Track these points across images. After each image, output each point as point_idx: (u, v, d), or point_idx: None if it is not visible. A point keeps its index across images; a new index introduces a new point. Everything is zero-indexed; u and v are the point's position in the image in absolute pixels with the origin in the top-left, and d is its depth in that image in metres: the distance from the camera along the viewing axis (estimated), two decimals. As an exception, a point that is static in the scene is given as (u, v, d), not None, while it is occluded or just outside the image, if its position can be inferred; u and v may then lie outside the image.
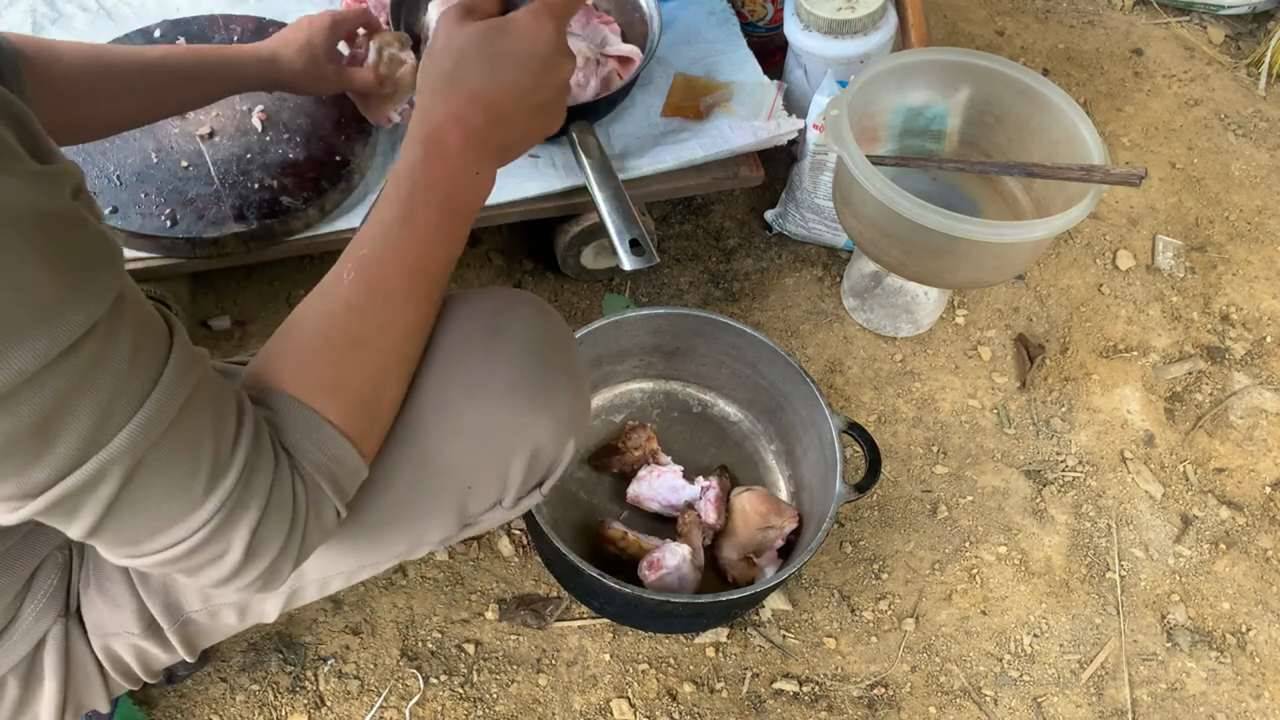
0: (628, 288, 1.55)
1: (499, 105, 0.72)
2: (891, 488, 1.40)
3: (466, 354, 0.78)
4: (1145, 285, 1.63)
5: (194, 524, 0.62)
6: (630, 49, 1.39)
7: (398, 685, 1.19)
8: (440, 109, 0.71)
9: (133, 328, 0.56)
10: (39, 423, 0.53)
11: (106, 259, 0.55)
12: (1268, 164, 1.80)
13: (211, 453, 0.61)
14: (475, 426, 0.79)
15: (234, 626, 0.89)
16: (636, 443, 1.31)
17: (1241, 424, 1.51)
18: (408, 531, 0.83)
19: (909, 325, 1.52)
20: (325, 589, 0.88)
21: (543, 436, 0.81)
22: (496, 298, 0.83)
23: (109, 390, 0.55)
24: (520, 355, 0.80)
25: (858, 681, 1.25)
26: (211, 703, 1.16)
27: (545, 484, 0.87)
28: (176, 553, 0.63)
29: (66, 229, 0.53)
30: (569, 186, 1.31)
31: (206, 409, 0.61)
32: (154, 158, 1.24)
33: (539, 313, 0.84)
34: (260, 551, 0.65)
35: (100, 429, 0.55)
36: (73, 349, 0.52)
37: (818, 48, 1.45)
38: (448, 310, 0.80)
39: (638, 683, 1.22)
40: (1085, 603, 1.33)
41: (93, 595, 0.84)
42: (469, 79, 0.72)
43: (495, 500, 0.84)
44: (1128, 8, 2.03)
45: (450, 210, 0.72)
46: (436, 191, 0.72)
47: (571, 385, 0.84)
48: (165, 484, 0.60)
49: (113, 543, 0.62)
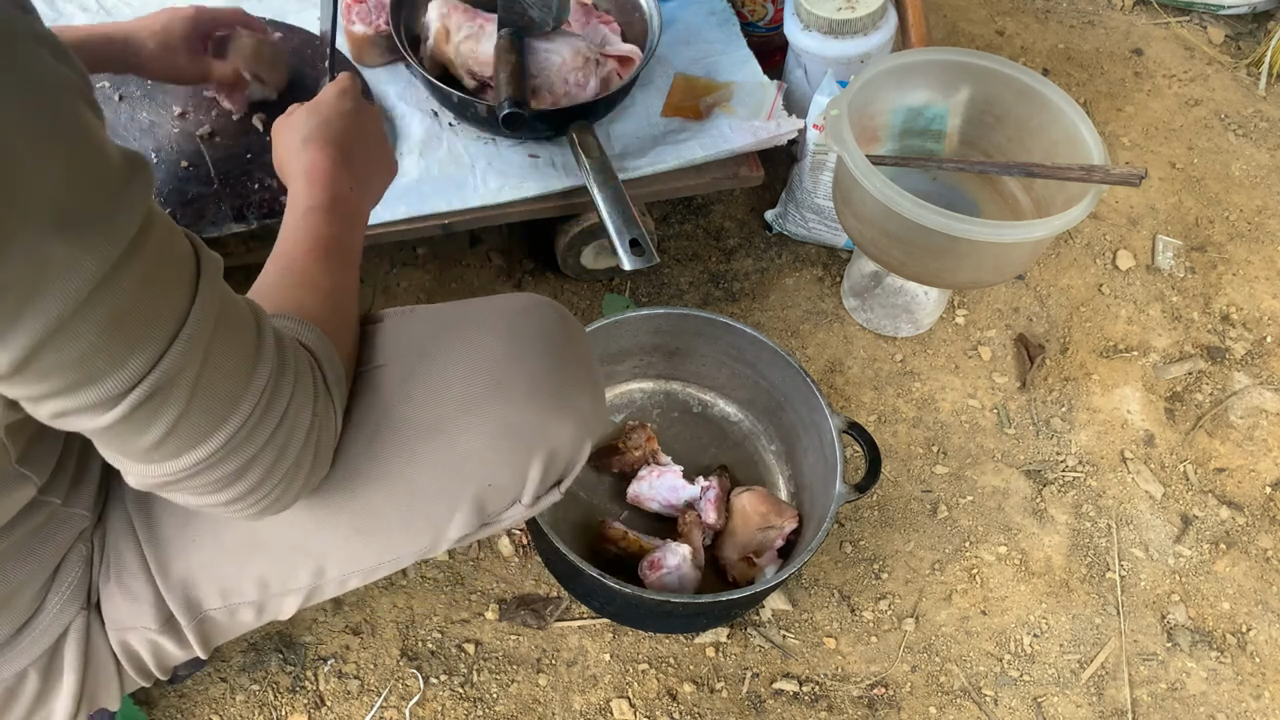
0: (628, 288, 1.55)
1: (339, 141, 0.94)
2: (891, 488, 1.40)
3: (489, 355, 0.82)
4: (1145, 285, 1.63)
5: (249, 403, 0.66)
6: (630, 49, 1.39)
7: (398, 685, 1.19)
8: (305, 155, 0.93)
9: (165, 222, 0.60)
10: (116, 320, 0.56)
11: (137, 162, 0.59)
12: (1268, 164, 1.80)
13: (254, 332, 0.67)
14: (499, 425, 0.81)
15: (250, 624, 0.90)
16: (636, 443, 1.31)
17: (1242, 424, 1.51)
18: (430, 527, 0.85)
19: (909, 325, 1.52)
20: (344, 586, 0.89)
21: (562, 437, 0.84)
22: (516, 301, 0.88)
23: (171, 282, 0.60)
24: (541, 357, 0.84)
25: (858, 681, 1.25)
26: (211, 703, 1.16)
27: (563, 483, 0.90)
28: (239, 438, 0.66)
29: (101, 125, 0.57)
30: (569, 186, 1.31)
31: (238, 299, 0.67)
32: (154, 158, 1.24)
33: (557, 316, 0.88)
34: (300, 414, 0.71)
35: (170, 320, 0.60)
36: (137, 240, 0.56)
37: (818, 48, 1.45)
38: (468, 312, 0.86)
39: (638, 683, 1.22)
40: (1085, 603, 1.33)
41: (112, 589, 0.84)
42: (315, 133, 0.95)
43: (514, 498, 0.86)
44: (1128, 8, 2.03)
45: (337, 213, 0.89)
46: (322, 198, 0.90)
47: (590, 388, 0.88)
48: (226, 367, 0.64)
49: (187, 444, 0.64)
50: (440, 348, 0.83)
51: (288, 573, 0.85)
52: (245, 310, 0.67)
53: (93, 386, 0.58)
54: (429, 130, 1.35)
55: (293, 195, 0.92)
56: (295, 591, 0.87)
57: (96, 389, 0.58)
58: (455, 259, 1.54)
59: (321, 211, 0.88)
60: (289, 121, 0.99)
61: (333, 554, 0.85)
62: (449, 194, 1.29)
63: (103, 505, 0.85)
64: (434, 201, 1.28)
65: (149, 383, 0.59)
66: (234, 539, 0.83)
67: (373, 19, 1.36)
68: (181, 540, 0.83)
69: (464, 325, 0.85)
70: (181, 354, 0.60)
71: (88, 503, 0.82)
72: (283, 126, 0.99)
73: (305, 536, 0.83)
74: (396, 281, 1.51)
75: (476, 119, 1.33)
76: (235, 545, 0.83)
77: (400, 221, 1.27)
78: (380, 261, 1.52)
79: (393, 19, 1.35)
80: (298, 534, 0.83)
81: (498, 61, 1.28)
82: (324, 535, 0.83)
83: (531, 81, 1.30)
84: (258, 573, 0.85)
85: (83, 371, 0.57)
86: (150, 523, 0.84)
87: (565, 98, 1.32)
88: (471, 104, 1.30)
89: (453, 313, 0.87)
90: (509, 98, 1.22)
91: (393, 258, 1.53)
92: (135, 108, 1.28)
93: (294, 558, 0.85)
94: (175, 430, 0.63)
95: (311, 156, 0.93)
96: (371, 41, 1.38)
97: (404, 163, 1.31)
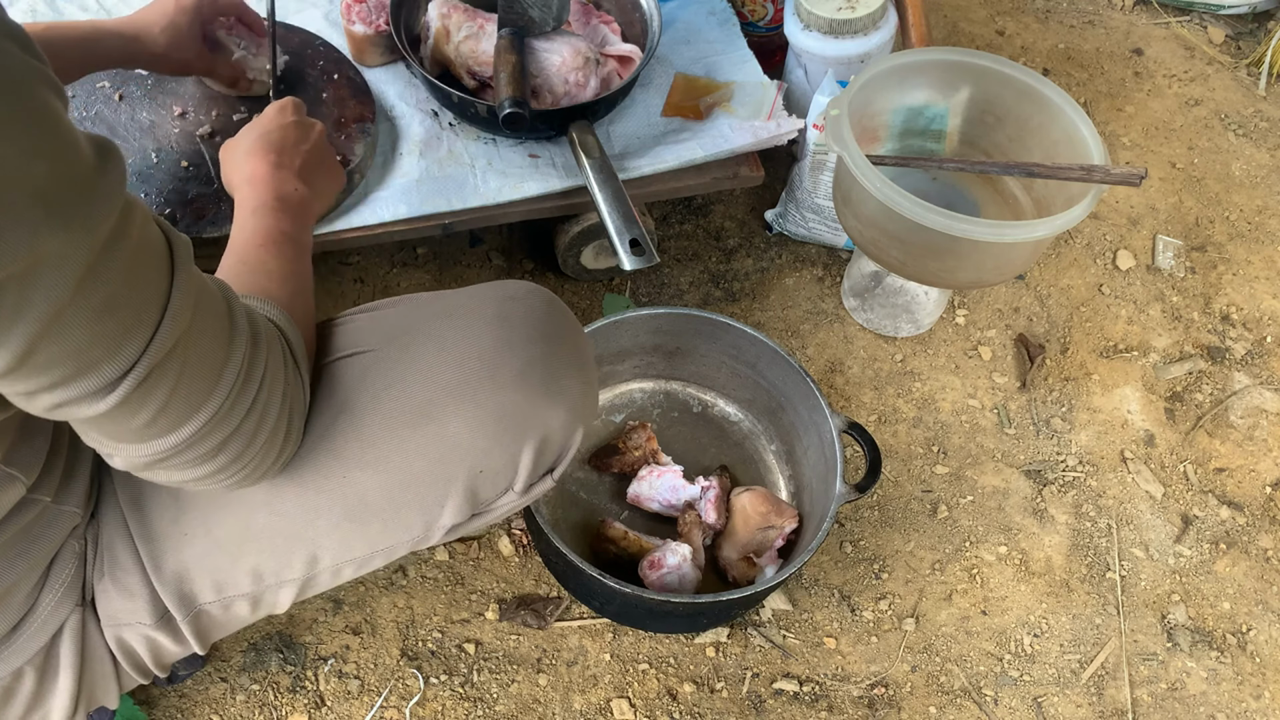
0: (628, 288, 1.55)
1: (279, 148, 1.01)
2: (892, 488, 1.40)
3: (479, 341, 0.83)
4: (1145, 285, 1.63)
5: (230, 375, 0.68)
6: (630, 49, 1.39)
7: (398, 685, 1.19)
8: (247, 165, 0.99)
9: (141, 206, 0.61)
10: (108, 307, 0.58)
11: (107, 147, 0.59)
12: (1268, 164, 1.80)
13: (226, 307, 0.69)
14: (489, 410, 0.82)
15: (246, 618, 0.90)
16: (637, 443, 1.31)
17: (1242, 424, 1.50)
18: (421, 514, 0.85)
19: (909, 325, 1.52)
20: (339, 576, 0.89)
21: (554, 423, 0.85)
22: (506, 288, 0.88)
23: (152, 265, 0.61)
24: (531, 343, 0.84)
25: (858, 681, 1.25)
26: (211, 702, 1.16)
27: (556, 470, 0.90)
28: (224, 410, 0.68)
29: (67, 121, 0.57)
30: (569, 186, 1.31)
31: (206, 278, 0.69)
32: (154, 158, 1.24)
33: (545, 302, 0.88)
34: (275, 384, 0.73)
35: (156, 302, 0.61)
36: (119, 226, 0.57)
37: (818, 48, 1.45)
38: (457, 299, 0.87)
39: (638, 682, 1.22)
40: (1085, 603, 1.33)
41: (106, 585, 0.84)
42: (255, 145, 1.01)
43: (506, 486, 0.87)
44: (1128, 8, 2.03)
45: (285, 210, 0.94)
46: (266, 197, 0.95)
47: (581, 374, 0.88)
48: (205, 343, 0.66)
49: (177, 420, 0.66)
50: (431, 334, 0.84)
51: (281, 563, 0.85)
52: (215, 288, 0.69)
53: (90, 375, 0.59)
54: (429, 130, 1.35)
55: (239, 201, 0.96)
56: (290, 583, 0.87)
57: (94, 377, 0.59)
58: (455, 259, 1.54)
59: (268, 209, 0.93)
60: (231, 141, 1.05)
61: (325, 542, 0.85)
62: (449, 194, 1.29)
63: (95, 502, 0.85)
64: (434, 201, 1.28)
65: (143, 365, 0.61)
66: (226, 531, 0.83)
67: (373, 19, 1.36)
68: (174, 534, 0.83)
69: (454, 312, 0.85)
70: (169, 334, 0.62)
71: (79, 499, 0.82)
72: (227, 146, 1.05)
73: (297, 526, 0.83)
74: (396, 281, 1.51)
75: (477, 119, 1.33)
76: (227, 537, 0.83)
77: (400, 221, 1.27)
78: (380, 261, 1.52)
79: (393, 19, 1.35)
80: (290, 523, 0.83)
81: (498, 61, 1.28)
82: (316, 523, 0.83)
83: (531, 81, 1.30)
84: (251, 564, 0.85)
85: (80, 361, 0.58)
86: (142, 518, 0.84)
87: (565, 98, 1.32)
88: (471, 104, 1.30)
89: (442, 300, 0.88)
90: (509, 98, 1.22)
91: (393, 258, 1.53)
92: (135, 108, 1.28)
93: (287, 547, 0.85)
94: (166, 408, 0.64)
95: (253, 165, 0.98)
96: (371, 41, 1.37)
97: (404, 163, 1.31)
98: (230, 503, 0.83)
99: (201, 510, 0.83)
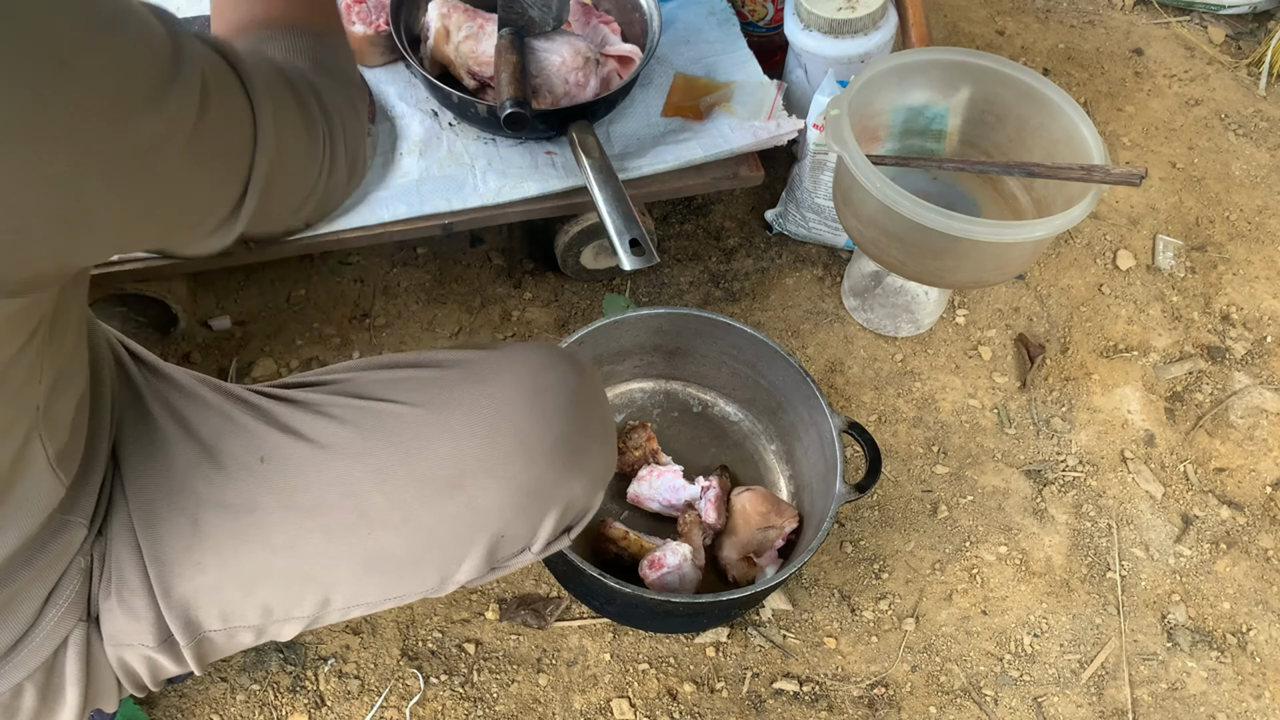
0: (628, 288, 1.55)
1: None
2: (892, 487, 1.40)
3: (512, 415, 0.84)
4: (1145, 285, 1.63)
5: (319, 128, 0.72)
6: (630, 49, 1.39)
7: (398, 685, 1.19)
8: None
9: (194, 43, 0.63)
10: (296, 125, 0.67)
11: None
12: (1268, 164, 1.80)
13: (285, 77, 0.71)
14: (520, 486, 0.84)
15: (248, 645, 0.90)
16: (636, 442, 1.31)
17: (1242, 424, 1.50)
18: (439, 570, 0.87)
19: (909, 325, 1.52)
20: (347, 615, 0.90)
21: (578, 490, 0.87)
22: (537, 355, 0.89)
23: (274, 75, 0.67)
24: (562, 414, 0.85)
25: (858, 681, 1.25)
26: (212, 703, 1.16)
27: (573, 530, 0.92)
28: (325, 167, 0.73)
29: None
30: (569, 186, 1.31)
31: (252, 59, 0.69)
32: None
33: (577, 371, 0.89)
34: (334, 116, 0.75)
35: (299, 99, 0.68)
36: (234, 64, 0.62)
37: (818, 47, 1.45)
38: (492, 365, 0.87)
39: (638, 682, 1.22)
40: (1085, 603, 1.33)
41: (112, 606, 0.83)
42: None
43: (525, 546, 0.89)
44: (1128, 7, 2.03)
45: None
46: None
47: (606, 445, 0.91)
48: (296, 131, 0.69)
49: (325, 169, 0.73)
50: (464, 401, 0.85)
51: (293, 601, 0.86)
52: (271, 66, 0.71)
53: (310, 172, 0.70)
54: (429, 130, 1.35)
55: None
56: (298, 619, 0.88)
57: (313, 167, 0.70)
58: (455, 259, 1.54)
59: None
60: None
61: (341, 587, 0.86)
62: (449, 194, 1.29)
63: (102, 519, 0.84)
64: (434, 201, 1.28)
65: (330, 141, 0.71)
66: (242, 567, 0.83)
67: (373, 19, 1.36)
68: (187, 562, 0.83)
69: (487, 378, 0.86)
70: (323, 116, 0.70)
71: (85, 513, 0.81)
72: None
73: (316, 570, 0.84)
74: (396, 281, 1.51)
75: (477, 119, 1.33)
76: (243, 573, 0.83)
77: (400, 221, 1.27)
78: (380, 261, 1.52)
79: (393, 19, 1.35)
80: (309, 567, 0.84)
81: (498, 61, 1.28)
82: (336, 569, 0.85)
83: (532, 81, 1.30)
84: (262, 600, 0.85)
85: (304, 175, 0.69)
86: (155, 539, 0.83)
87: (565, 98, 1.32)
88: (472, 104, 1.30)
89: (474, 365, 0.88)
90: (511, 98, 1.22)
91: (393, 257, 1.53)
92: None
93: (302, 588, 0.85)
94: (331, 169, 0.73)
95: None
96: (371, 41, 1.38)
97: (404, 163, 1.31)
98: (249, 541, 0.83)
99: (217, 542, 0.83)
